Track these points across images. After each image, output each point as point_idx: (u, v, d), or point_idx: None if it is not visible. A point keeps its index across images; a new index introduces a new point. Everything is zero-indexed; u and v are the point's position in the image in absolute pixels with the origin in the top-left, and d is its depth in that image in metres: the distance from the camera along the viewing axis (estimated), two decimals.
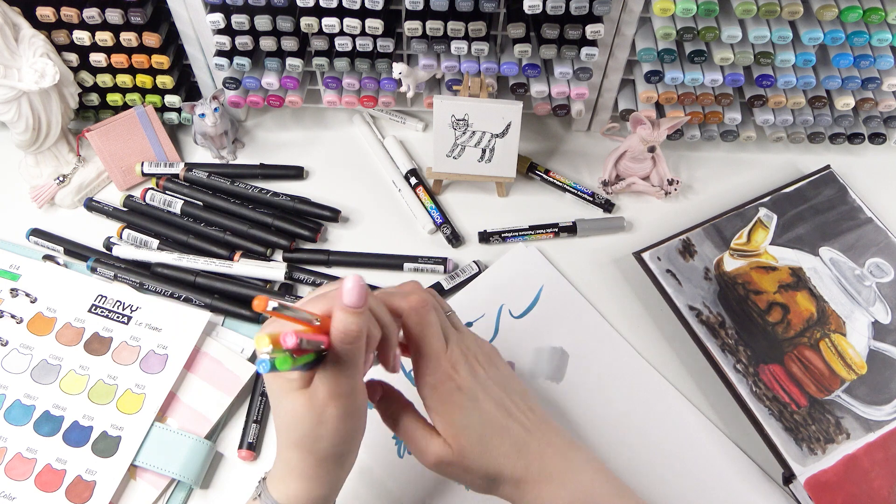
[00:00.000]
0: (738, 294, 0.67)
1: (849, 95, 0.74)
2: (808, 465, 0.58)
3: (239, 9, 0.67)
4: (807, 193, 0.74)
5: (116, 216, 0.74)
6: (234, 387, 0.63)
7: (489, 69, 0.71)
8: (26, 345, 0.64)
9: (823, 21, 0.66)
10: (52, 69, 0.67)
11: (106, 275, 0.68)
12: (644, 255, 0.69)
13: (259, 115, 0.83)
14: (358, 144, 0.81)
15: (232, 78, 0.74)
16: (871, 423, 0.61)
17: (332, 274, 0.71)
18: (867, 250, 0.70)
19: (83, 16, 0.68)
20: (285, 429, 0.42)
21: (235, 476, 0.61)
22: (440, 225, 0.74)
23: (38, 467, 0.59)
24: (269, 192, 0.74)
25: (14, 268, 0.69)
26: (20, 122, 0.69)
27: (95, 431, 0.60)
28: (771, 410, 0.61)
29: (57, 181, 0.74)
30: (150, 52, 0.72)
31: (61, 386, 0.62)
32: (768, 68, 0.71)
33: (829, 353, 0.64)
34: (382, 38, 0.68)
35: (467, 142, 0.71)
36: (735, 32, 0.66)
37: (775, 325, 0.65)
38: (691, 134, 0.78)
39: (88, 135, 0.74)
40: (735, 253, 0.70)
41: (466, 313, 0.67)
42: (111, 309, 0.66)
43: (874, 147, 0.80)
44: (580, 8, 0.64)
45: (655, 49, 0.69)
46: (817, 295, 0.67)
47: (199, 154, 0.80)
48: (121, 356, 0.64)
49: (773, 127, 0.78)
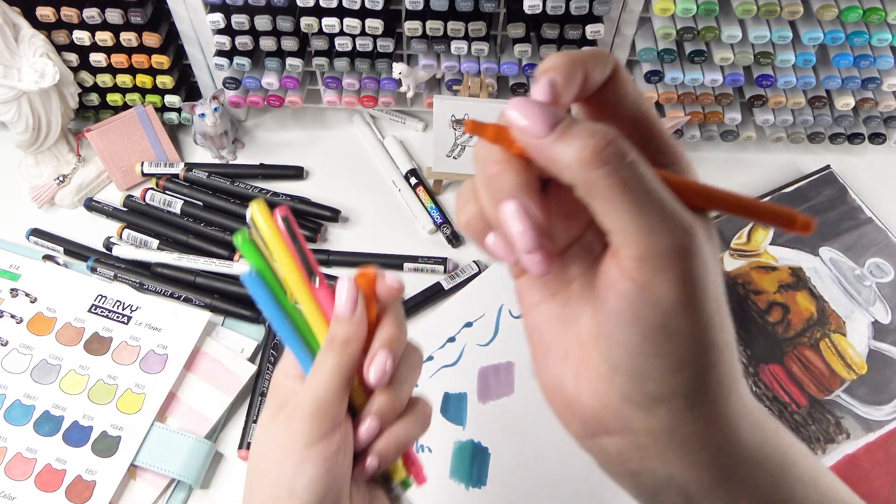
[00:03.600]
0: (738, 294, 0.67)
1: (849, 95, 0.74)
2: None
3: (239, 9, 0.67)
4: (807, 193, 0.74)
5: (116, 216, 0.74)
6: (234, 387, 0.63)
7: (489, 69, 0.71)
8: (26, 345, 0.64)
9: (823, 21, 0.66)
10: (52, 69, 0.67)
11: (106, 275, 0.68)
12: None
13: (259, 115, 0.83)
14: (358, 144, 0.81)
15: (232, 78, 0.74)
16: (871, 423, 0.61)
17: (332, 274, 0.71)
18: (867, 250, 0.70)
19: (83, 16, 0.68)
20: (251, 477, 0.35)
21: (235, 476, 0.61)
22: (440, 225, 0.74)
23: (37, 467, 0.58)
24: (269, 192, 0.74)
25: (14, 268, 0.69)
26: (20, 122, 0.69)
27: (95, 431, 0.60)
28: (771, 410, 0.61)
29: (57, 181, 0.74)
30: (150, 52, 0.72)
31: (61, 386, 0.62)
32: (768, 68, 0.71)
33: (829, 353, 0.64)
34: (382, 38, 0.68)
35: (467, 142, 0.71)
36: (735, 32, 0.66)
37: (775, 325, 0.65)
38: (691, 134, 0.78)
39: (88, 135, 0.74)
40: (735, 253, 0.70)
41: (466, 313, 0.67)
42: (111, 309, 0.66)
43: (874, 147, 0.80)
44: (580, 8, 0.64)
45: (655, 49, 0.69)
46: (817, 295, 0.67)
47: (199, 154, 0.80)
48: (121, 356, 0.64)
49: (773, 127, 0.78)
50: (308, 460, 0.32)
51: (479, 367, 0.64)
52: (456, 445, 0.61)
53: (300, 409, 0.33)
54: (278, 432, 0.33)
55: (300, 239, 0.33)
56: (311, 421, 0.32)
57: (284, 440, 0.33)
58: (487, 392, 0.63)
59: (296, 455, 0.32)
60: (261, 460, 0.34)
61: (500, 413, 0.62)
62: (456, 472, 0.60)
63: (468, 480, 0.60)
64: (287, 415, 0.33)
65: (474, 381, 0.64)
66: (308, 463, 0.32)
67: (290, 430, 0.33)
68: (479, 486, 0.59)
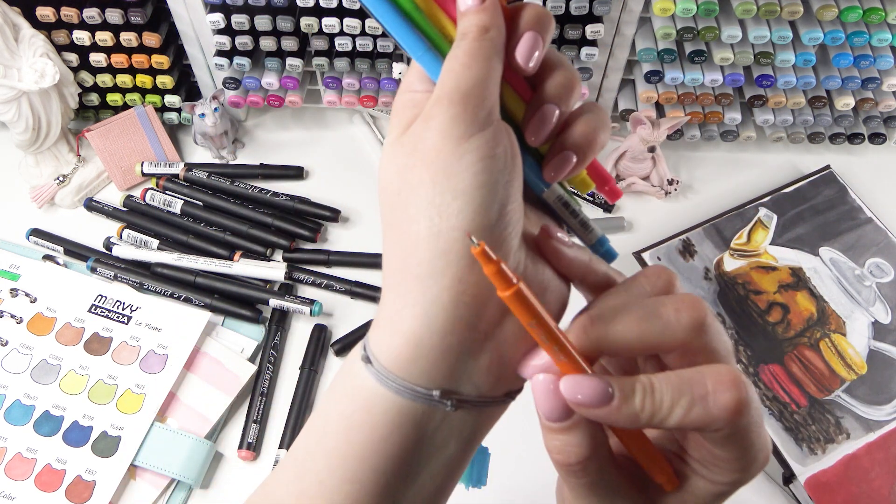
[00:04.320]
0: (738, 294, 0.67)
1: (849, 95, 0.74)
2: (809, 465, 0.58)
3: (239, 9, 0.67)
4: (807, 193, 0.74)
5: (116, 216, 0.74)
6: (234, 387, 0.63)
7: None
8: (26, 345, 0.64)
9: (823, 21, 0.66)
10: (52, 69, 0.67)
11: (106, 275, 0.68)
12: (644, 255, 0.69)
13: (259, 115, 0.83)
14: (358, 144, 0.81)
15: (232, 78, 0.74)
16: (871, 423, 0.61)
17: (332, 274, 0.71)
18: (867, 250, 0.70)
19: (83, 16, 0.68)
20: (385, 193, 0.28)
21: (235, 476, 0.61)
22: None
23: (37, 467, 0.58)
24: (269, 192, 0.74)
25: (14, 268, 0.69)
26: (20, 122, 0.69)
27: (95, 431, 0.60)
28: (771, 410, 0.61)
29: (57, 181, 0.74)
30: (150, 52, 0.72)
31: (61, 386, 0.62)
32: (768, 68, 0.71)
33: (829, 353, 0.64)
34: (382, 38, 0.68)
35: None
36: (735, 32, 0.66)
37: (775, 325, 0.65)
38: (691, 134, 0.78)
39: (88, 135, 0.74)
40: (735, 253, 0.70)
41: None
42: (111, 309, 0.66)
43: (874, 147, 0.80)
44: (580, 8, 0.64)
45: (655, 49, 0.69)
46: (817, 295, 0.67)
47: (199, 154, 0.80)
48: (121, 356, 0.64)
49: (773, 127, 0.78)
50: (468, 152, 0.26)
51: None
52: None
53: (442, 103, 0.26)
54: (418, 139, 0.27)
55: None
56: (460, 108, 0.26)
57: (430, 143, 0.26)
58: None
59: (450, 153, 0.26)
60: (402, 183, 0.27)
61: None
62: None
63: (468, 480, 0.60)
64: (425, 117, 0.27)
65: None
66: (469, 155, 0.26)
67: (435, 129, 0.26)
68: (478, 486, 0.59)
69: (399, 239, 0.27)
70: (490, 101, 0.27)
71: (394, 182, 0.27)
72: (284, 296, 0.67)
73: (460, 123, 0.26)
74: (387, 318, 0.28)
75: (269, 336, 0.66)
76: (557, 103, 0.29)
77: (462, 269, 0.26)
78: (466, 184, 0.26)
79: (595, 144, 0.29)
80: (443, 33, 0.29)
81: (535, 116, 0.29)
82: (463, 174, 0.26)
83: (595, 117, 0.30)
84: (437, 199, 0.26)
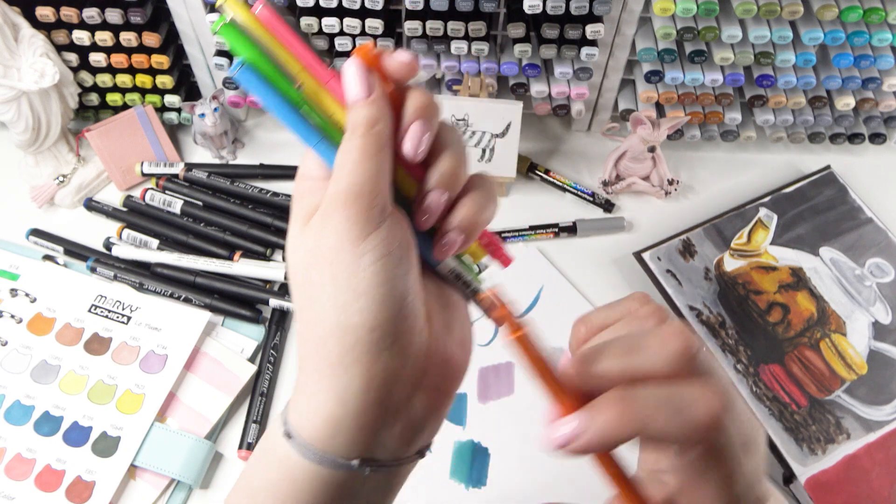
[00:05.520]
0: (739, 294, 0.67)
1: (849, 95, 0.74)
2: (809, 465, 0.58)
3: None
4: (807, 193, 0.74)
5: (116, 216, 0.74)
6: (233, 387, 0.63)
7: (489, 69, 0.71)
8: (26, 345, 0.64)
9: (823, 21, 0.66)
10: (51, 69, 0.67)
11: (106, 275, 0.68)
12: (644, 255, 0.69)
13: (259, 115, 0.83)
14: None
15: (232, 78, 0.74)
16: (872, 423, 0.61)
17: None
18: (867, 250, 0.70)
19: (83, 16, 0.68)
20: (299, 293, 0.30)
21: (235, 476, 0.60)
22: None
23: (37, 467, 0.58)
24: (269, 192, 0.74)
25: (14, 268, 0.69)
26: (20, 122, 0.69)
27: (95, 431, 0.60)
28: (771, 410, 0.61)
29: (57, 181, 0.74)
30: (150, 52, 0.72)
31: (61, 386, 0.62)
32: (768, 68, 0.71)
33: (830, 353, 0.64)
34: (382, 38, 0.68)
35: (467, 142, 0.71)
36: (735, 32, 0.66)
37: (775, 325, 0.65)
38: (691, 134, 0.78)
39: (88, 135, 0.74)
40: (735, 253, 0.70)
41: None
42: (111, 309, 0.66)
43: (874, 147, 0.80)
44: (580, 8, 0.64)
45: (655, 49, 0.69)
46: (817, 295, 0.67)
47: (198, 154, 0.80)
48: (120, 356, 0.63)
49: (774, 127, 0.78)
50: (365, 253, 0.27)
51: (479, 367, 0.64)
52: (456, 445, 0.61)
53: (337, 203, 0.28)
54: (318, 237, 0.28)
55: (288, 28, 0.28)
56: (354, 209, 0.27)
57: (329, 243, 0.28)
58: (487, 392, 0.63)
59: (348, 253, 0.27)
60: (306, 278, 0.29)
61: (500, 413, 0.62)
62: (456, 472, 0.60)
63: (468, 480, 0.60)
64: (322, 215, 0.28)
65: (474, 381, 0.64)
66: (366, 256, 0.27)
67: (332, 230, 0.28)
68: (478, 486, 0.59)
69: (311, 325, 0.29)
70: (382, 195, 0.28)
71: (300, 273, 0.29)
72: (284, 296, 0.67)
73: (356, 223, 0.27)
74: (305, 396, 0.30)
75: (269, 336, 0.66)
76: (444, 189, 0.30)
77: (370, 361, 0.28)
78: (367, 284, 0.27)
79: (479, 224, 0.31)
80: (333, 119, 0.30)
81: (423, 205, 0.30)
82: (362, 274, 0.27)
83: (480, 195, 0.31)
84: (339, 298, 0.28)
